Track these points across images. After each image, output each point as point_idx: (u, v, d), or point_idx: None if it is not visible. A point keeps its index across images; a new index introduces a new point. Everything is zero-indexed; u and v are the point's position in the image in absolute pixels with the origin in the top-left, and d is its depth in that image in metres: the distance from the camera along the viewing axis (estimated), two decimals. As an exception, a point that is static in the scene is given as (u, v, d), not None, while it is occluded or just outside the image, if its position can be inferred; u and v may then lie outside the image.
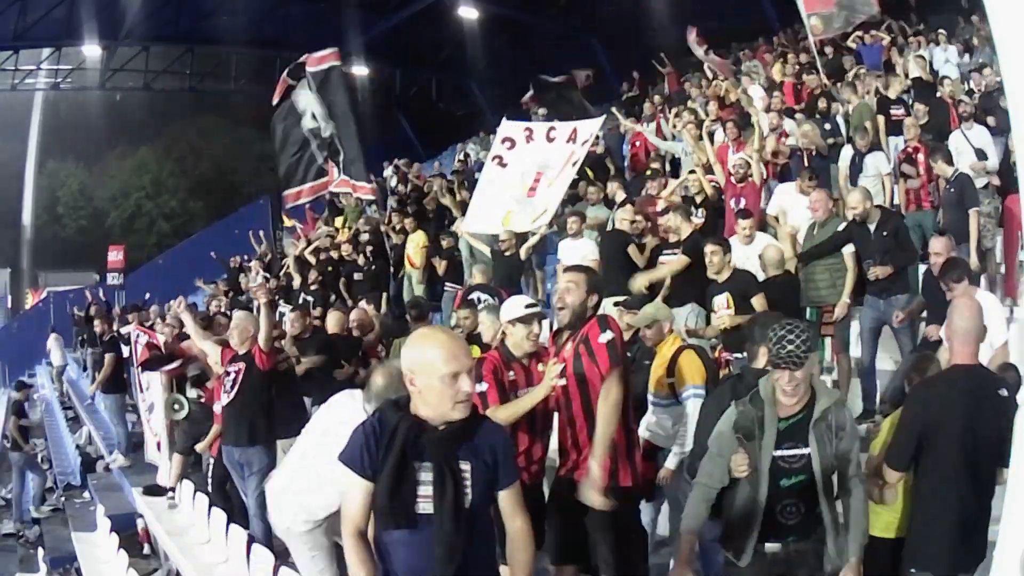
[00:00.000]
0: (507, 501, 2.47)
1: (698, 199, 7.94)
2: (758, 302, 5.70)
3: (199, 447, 6.63)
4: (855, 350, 6.22)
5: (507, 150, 8.65)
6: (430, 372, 2.35)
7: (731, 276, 5.83)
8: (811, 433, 2.97)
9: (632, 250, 7.07)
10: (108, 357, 9.85)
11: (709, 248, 5.93)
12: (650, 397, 4.73)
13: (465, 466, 2.37)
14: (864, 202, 5.92)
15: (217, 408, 5.99)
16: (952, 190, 6.60)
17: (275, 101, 10.30)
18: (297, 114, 10.02)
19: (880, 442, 3.34)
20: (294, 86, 10.03)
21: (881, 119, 8.68)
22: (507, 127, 8.91)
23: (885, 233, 5.85)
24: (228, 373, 5.72)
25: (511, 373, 3.62)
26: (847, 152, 7.89)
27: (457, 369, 2.34)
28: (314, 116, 9.88)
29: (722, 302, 5.77)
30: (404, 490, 2.35)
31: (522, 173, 8.43)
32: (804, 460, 2.98)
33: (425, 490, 2.35)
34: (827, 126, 8.84)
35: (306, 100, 9.93)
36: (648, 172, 9.21)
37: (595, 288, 3.60)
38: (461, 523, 2.34)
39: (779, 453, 2.98)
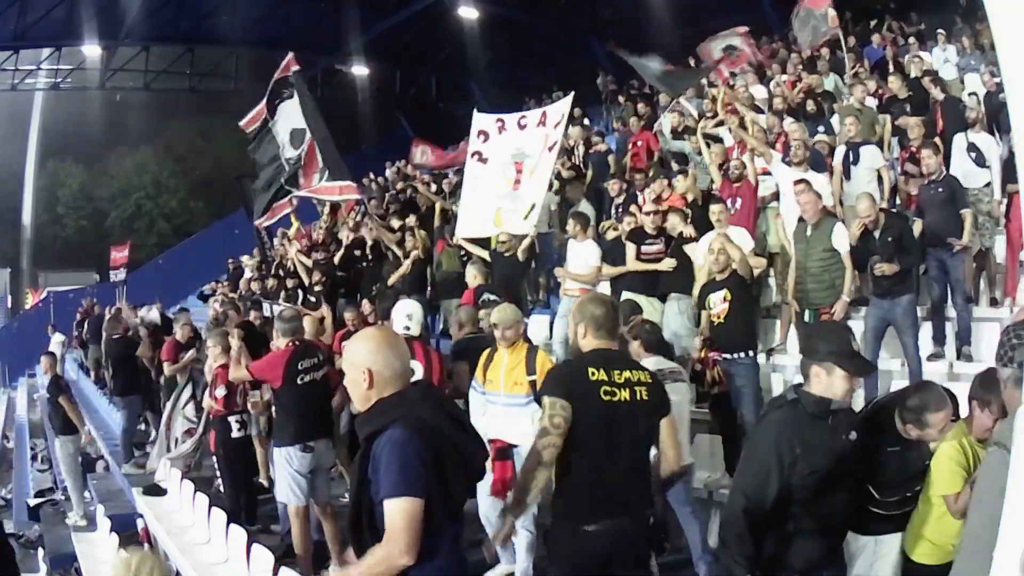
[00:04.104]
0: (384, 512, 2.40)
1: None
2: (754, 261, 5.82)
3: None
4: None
5: (483, 143, 8.62)
6: None
7: (730, 275, 5.85)
8: None
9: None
10: (62, 399, 9.00)
11: (716, 245, 5.93)
12: (503, 398, 4.76)
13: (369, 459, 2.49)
14: (872, 208, 5.92)
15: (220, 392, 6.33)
16: (940, 190, 6.51)
17: (249, 129, 10.07)
18: (274, 138, 9.72)
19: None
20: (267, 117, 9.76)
21: (888, 119, 8.65)
22: (479, 120, 8.86)
23: (890, 239, 5.86)
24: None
25: None
26: (841, 148, 7.78)
27: None
28: (292, 132, 9.55)
29: (719, 298, 5.78)
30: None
31: (502, 164, 8.39)
32: None
33: None
34: (820, 127, 8.76)
35: (288, 116, 9.55)
36: (649, 174, 9.19)
37: None
38: (354, 503, 2.51)
39: None
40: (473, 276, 7.76)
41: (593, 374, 3.01)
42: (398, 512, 2.32)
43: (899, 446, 3.21)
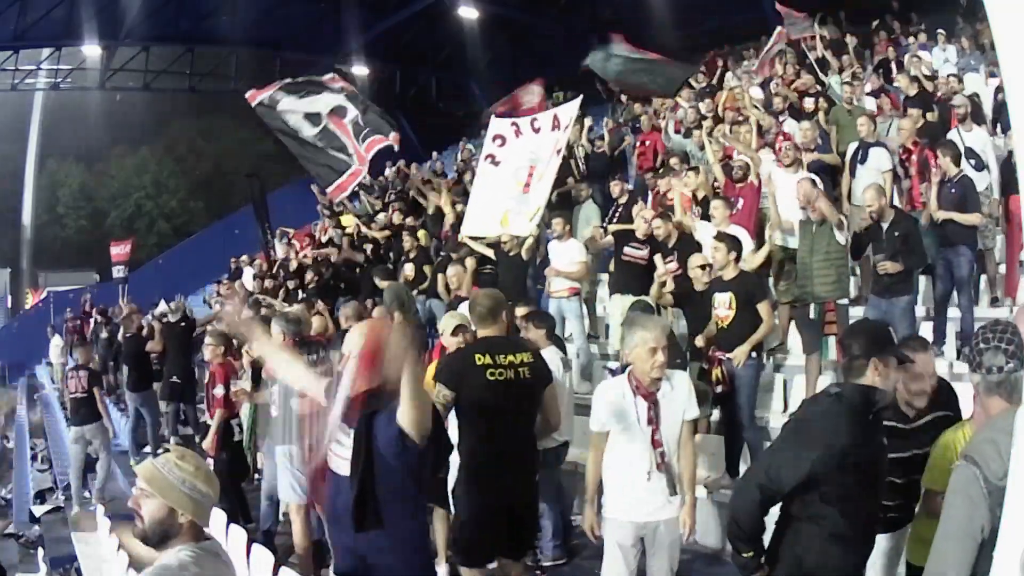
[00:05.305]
0: None
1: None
2: (763, 308, 5.70)
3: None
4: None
5: (498, 147, 8.64)
6: None
7: (737, 276, 5.84)
8: None
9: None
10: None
11: (712, 244, 5.92)
12: None
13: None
14: (878, 199, 5.89)
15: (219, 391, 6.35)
16: (954, 191, 6.47)
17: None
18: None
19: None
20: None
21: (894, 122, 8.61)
22: (496, 124, 8.91)
23: (896, 234, 5.83)
24: None
25: None
26: (853, 144, 7.75)
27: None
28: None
29: (724, 301, 5.77)
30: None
31: (515, 169, 8.41)
32: None
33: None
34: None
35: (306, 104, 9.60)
36: (660, 169, 9.16)
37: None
38: (361, 476, 2.78)
39: None
40: (459, 277, 7.63)
41: (480, 359, 3.69)
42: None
43: (899, 437, 3.08)
